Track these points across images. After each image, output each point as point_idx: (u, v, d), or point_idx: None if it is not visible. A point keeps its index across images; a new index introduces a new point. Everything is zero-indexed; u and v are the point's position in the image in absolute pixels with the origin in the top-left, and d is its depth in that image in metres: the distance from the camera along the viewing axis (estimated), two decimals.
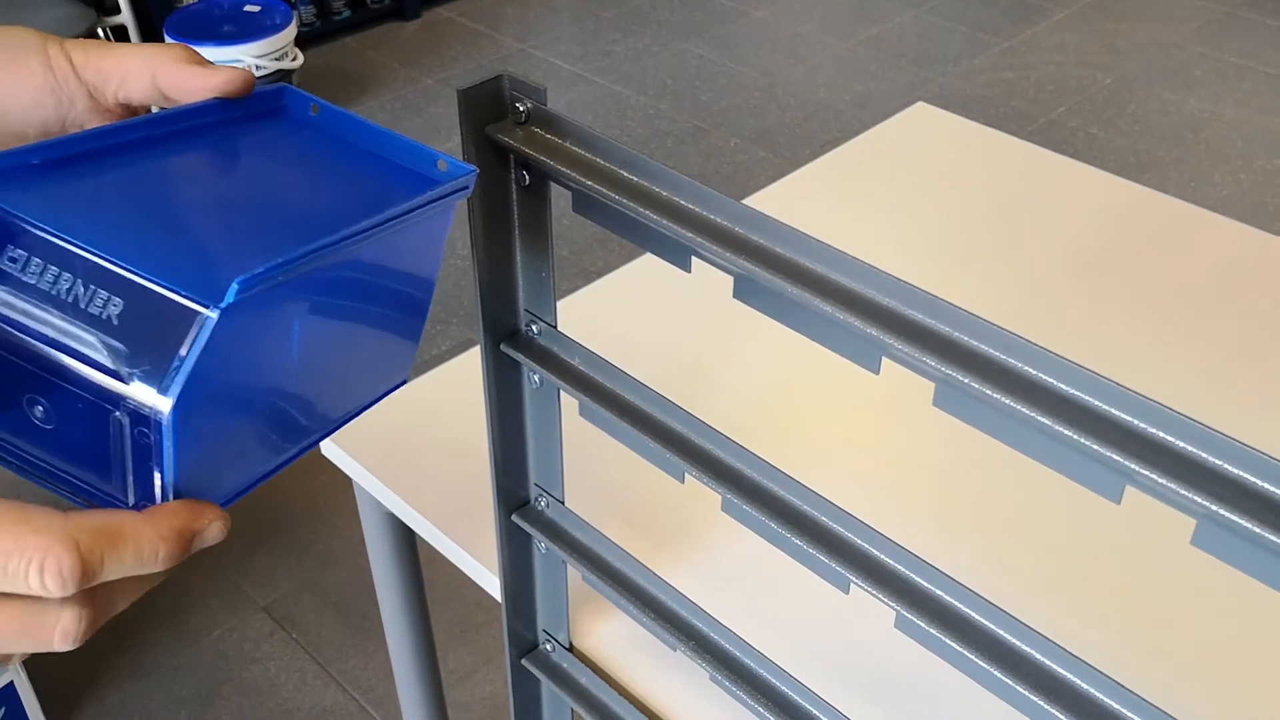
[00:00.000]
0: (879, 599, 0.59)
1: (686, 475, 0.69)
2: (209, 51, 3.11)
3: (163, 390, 0.44)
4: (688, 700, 0.87)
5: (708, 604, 0.76)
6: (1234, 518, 0.44)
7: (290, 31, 3.22)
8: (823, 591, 0.65)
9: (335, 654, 1.98)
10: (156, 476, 0.46)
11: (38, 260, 0.46)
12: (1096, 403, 0.48)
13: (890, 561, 0.61)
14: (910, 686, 0.85)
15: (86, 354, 0.45)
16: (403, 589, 1.20)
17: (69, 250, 0.45)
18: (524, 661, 0.91)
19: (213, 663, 1.97)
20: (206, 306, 0.44)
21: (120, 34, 3.27)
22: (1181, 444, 0.46)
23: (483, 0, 4.03)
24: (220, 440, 0.49)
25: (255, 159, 0.58)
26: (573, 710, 0.91)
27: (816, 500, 0.63)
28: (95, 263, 0.45)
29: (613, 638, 0.91)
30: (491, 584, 0.95)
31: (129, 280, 0.45)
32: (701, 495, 0.97)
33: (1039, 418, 0.48)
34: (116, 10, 3.37)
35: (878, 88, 3.49)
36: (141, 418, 0.45)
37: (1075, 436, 0.47)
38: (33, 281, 0.46)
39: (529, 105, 0.66)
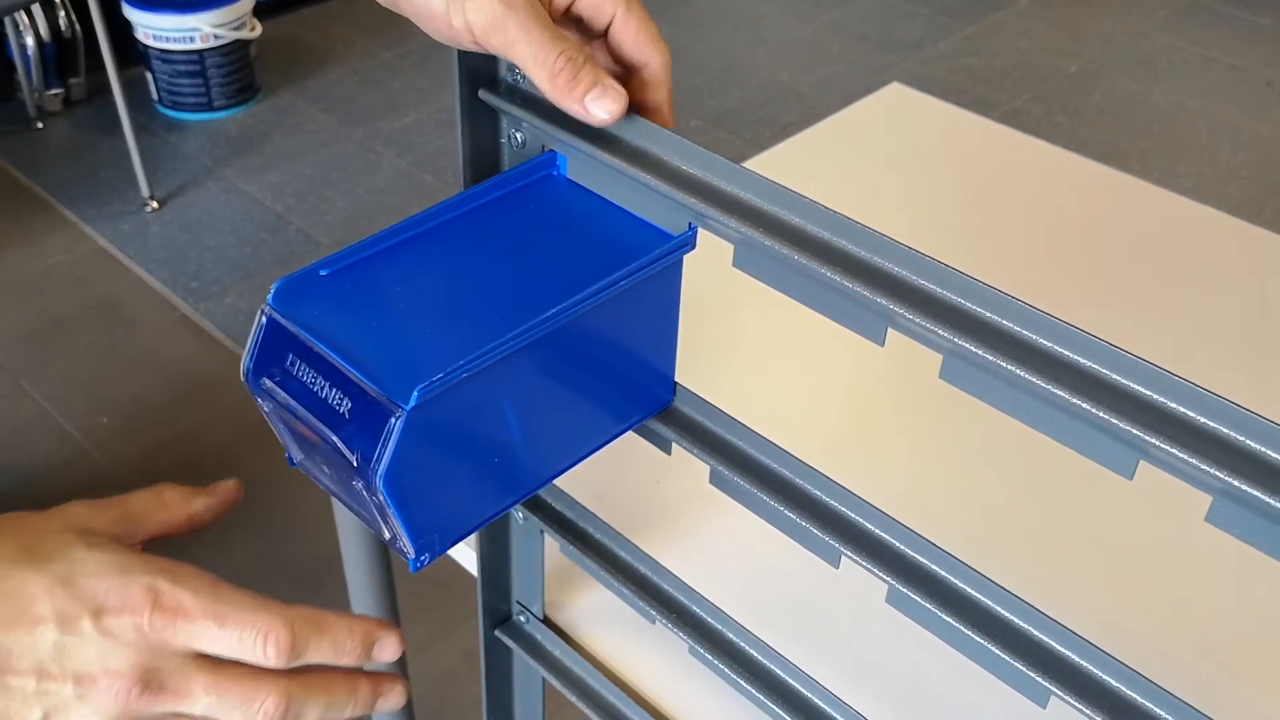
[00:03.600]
0: (871, 571, 0.58)
1: (674, 446, 0.68)
2: (166, 19, 3.06)
3: (373, 473, 0.53)
4: (660, 673, 0.86)
5: (686, 579, 0.75)
6: (1253, 492, 0.43)
7: (248, 2, 3.17)
8: (803, 570, 0.63)
9: None
10: (394, 525, 0.56)
11: (307, 367, 0.56)
12: (1112, 375, 0.47)
13: (883, 535, 0.60)
14: (890, 662, 0.84)
15: (336, 441, 0.54)
16: (369, 561, 1.18)
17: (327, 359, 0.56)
18: (497, 632, 0.90)
19: None
20: (400, 406, 0.52)
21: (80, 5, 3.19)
22: (1200, 417, 0.45)
23: None
24: (443, 498, 0.58)
25: (507, 241, 0.63)
26: (544, 680, 0.89)
27: (808, 472, 0.62)
28: (334, 366, 0.55)
29: (587, 611, 0.90)
30: (463, 556, 0.94)
31: (354, 381, 0.54)
32: (678, 472, 0.95)
33: (1051, 389, 0.47)
34: None
35: (841, 71, 3.48)
36: (370, 490, 0.54)
37: (1090, 409, 0.46)
38: (302, 379, 0.56)
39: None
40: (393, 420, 0.52)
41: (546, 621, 0.89)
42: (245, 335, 2.44)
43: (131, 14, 3.12)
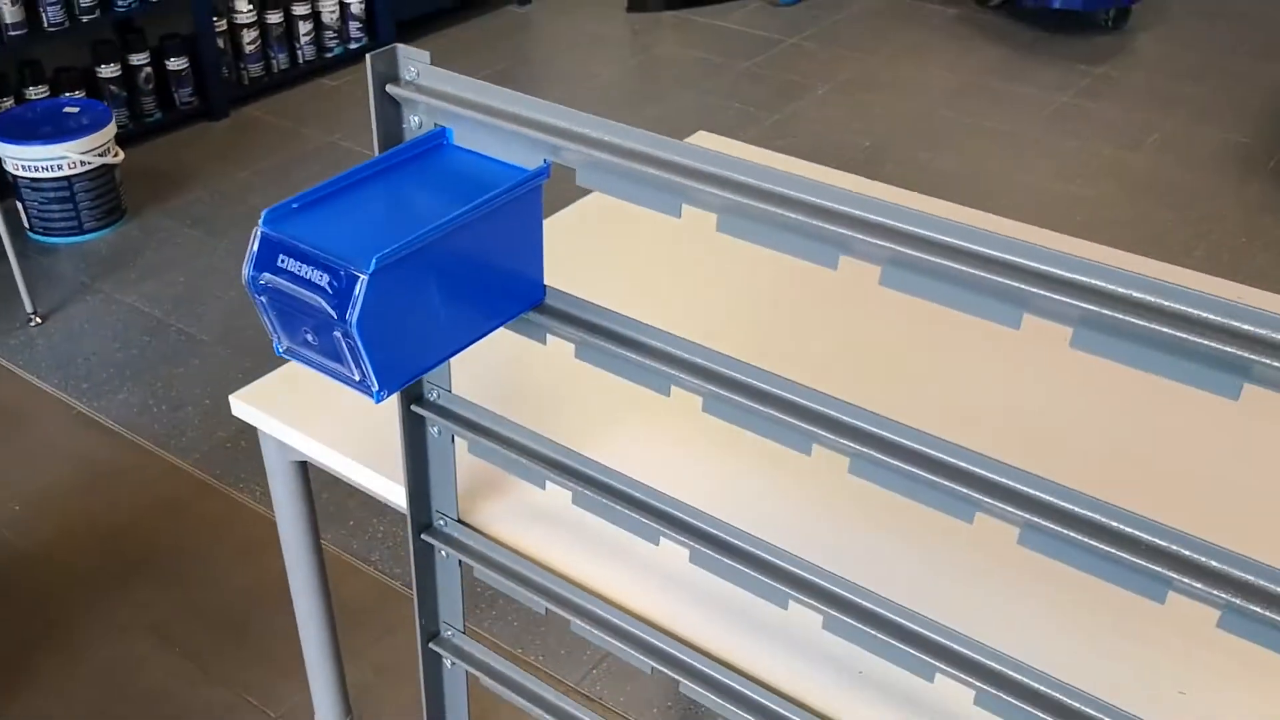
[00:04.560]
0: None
1: (548, 336, 0.96)
2: (34, 150, 3.27)
3: (348, 321, 0.80)
4: (554, 545, 1.12)
5: (568, 444, 1.02)
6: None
7: (110, 129, 3.40)
8: (634, 413, 0.90)
9: (219, 661, 2.16)
10: (364, 365, 0.83)
11: (293, 261, 0.84)
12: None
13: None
14: (710, 473, 1.11)
15: (323, 303, 0.81)
16: (304, 530, 1.41)
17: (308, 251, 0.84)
18: (423, 536, 1.15)
19: (102, 682, 2.12)
20: (364, 271, 0.80)
21: None
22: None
23: (287, 99, 4.27)
24: (394, 345, 0.85)
25: (416, 185, 0.92)
26: (460, 564, 1.15)
27: (655, 331, 0.91)
28: (317, 255, 0.83)
29: (494, 512, 1.16)
30: (386, 488, 1.19)
31: (329, 263, 0.82)
32: (581, 385, 1.22)
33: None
34: None
35: None
36: (348, 335, 0.81)
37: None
38: (292, 270, 0.84)
39: (417, 69, 0.93)
40: (359, 281, 0.80)
41: (461, 522, 1.15)
42: (141, 427, 2.69)
43: (1, 148, 3.33)
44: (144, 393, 2.83)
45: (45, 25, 3.62)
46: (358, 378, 0.85)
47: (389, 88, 0.94)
